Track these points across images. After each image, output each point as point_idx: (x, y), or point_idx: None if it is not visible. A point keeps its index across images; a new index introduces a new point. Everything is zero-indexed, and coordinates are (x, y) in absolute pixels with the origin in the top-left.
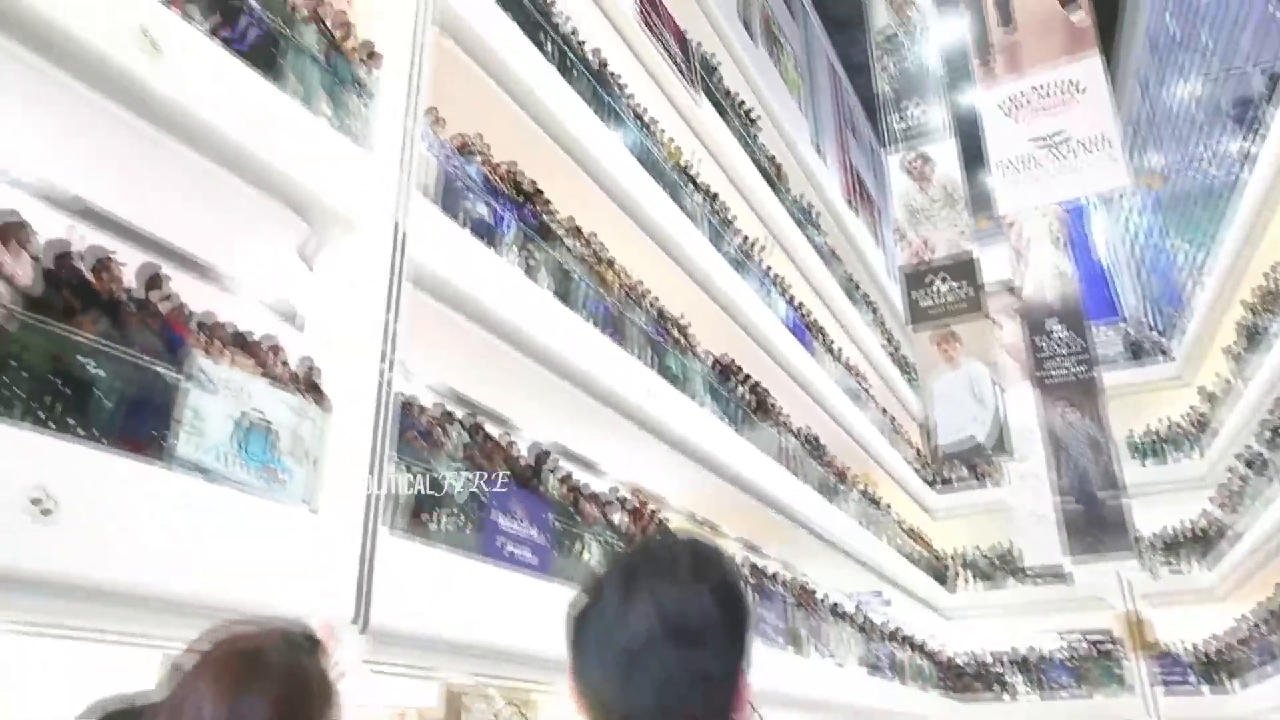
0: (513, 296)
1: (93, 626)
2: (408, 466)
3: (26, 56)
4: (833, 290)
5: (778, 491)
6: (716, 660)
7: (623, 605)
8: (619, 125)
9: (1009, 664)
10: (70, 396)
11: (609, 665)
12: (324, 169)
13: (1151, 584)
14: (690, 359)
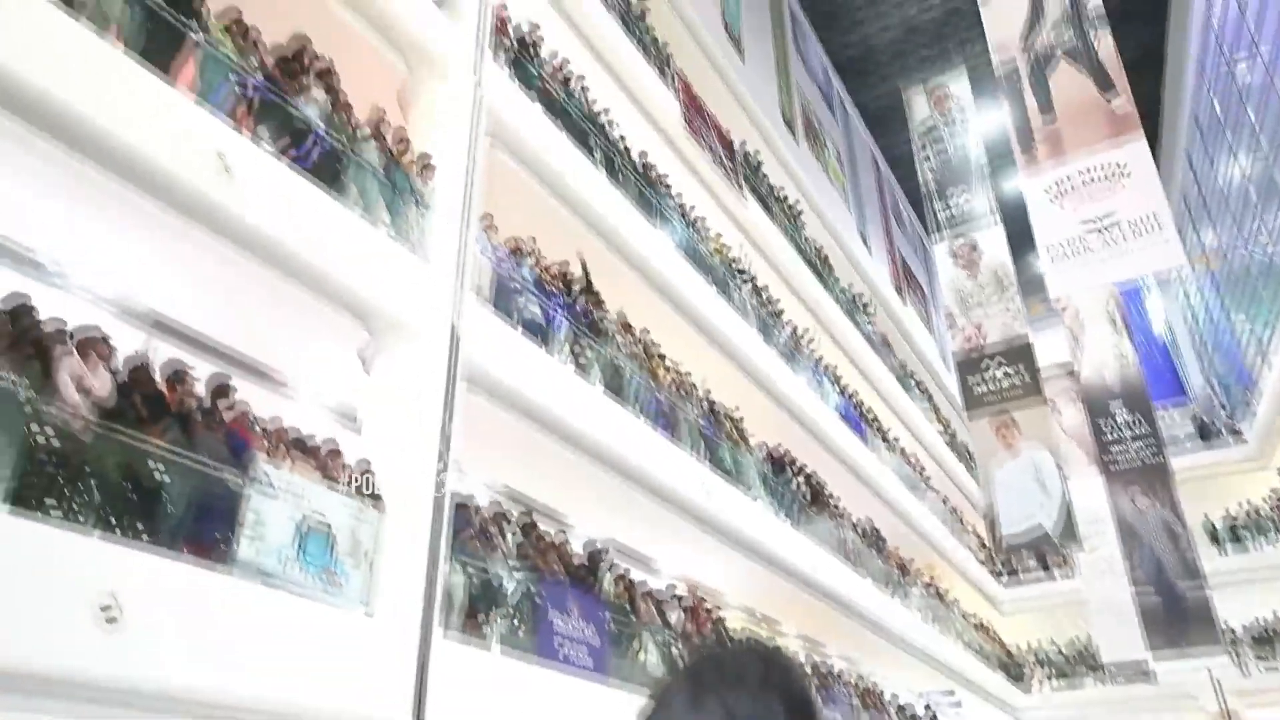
0: (566, 394)
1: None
2: (463, 567)
3: (110, 184)
4: (886, 378)
5: (838, 586)
6: None
7: (692, 715)
8: (666, 224)
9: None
10: (138, 503)
11: None
12: (382, 276)
13: (1243, 681)
14: (743, 452)
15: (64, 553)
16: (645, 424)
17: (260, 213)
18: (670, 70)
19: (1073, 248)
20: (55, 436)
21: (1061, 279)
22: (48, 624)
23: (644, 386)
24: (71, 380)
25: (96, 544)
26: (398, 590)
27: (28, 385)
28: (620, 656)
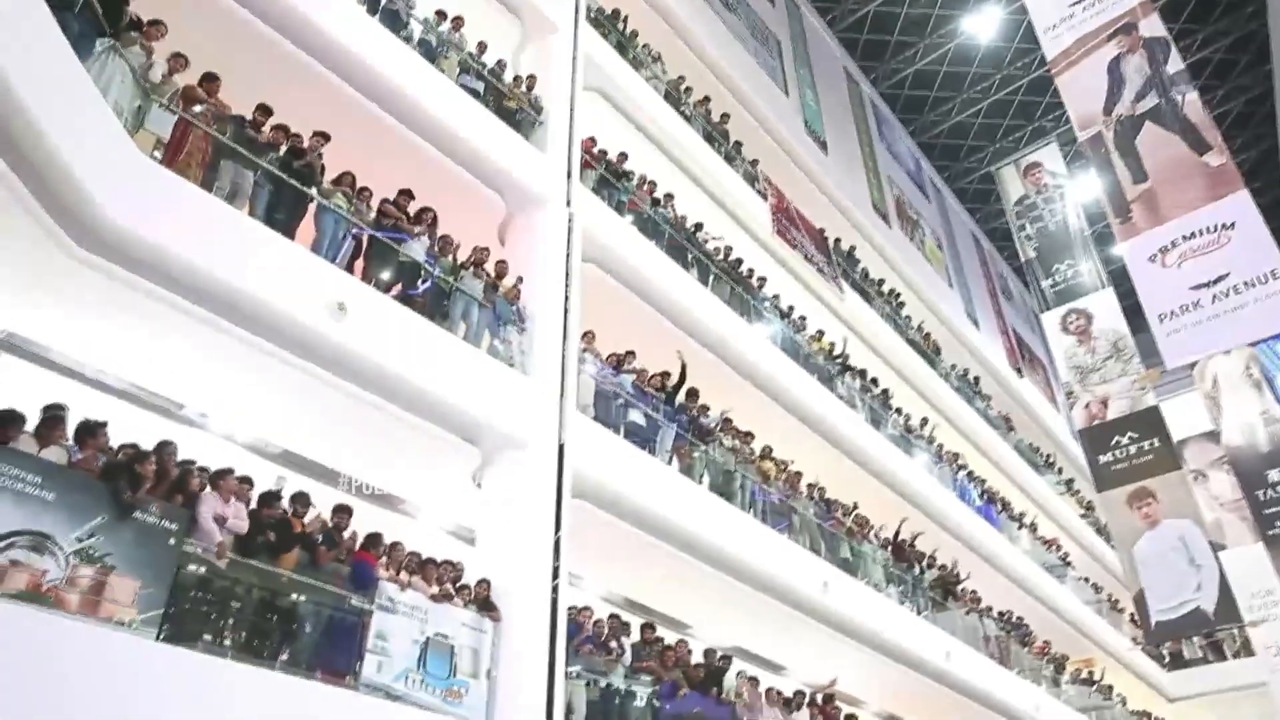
0: (673, 497)
1: None
2: (581, 676)
3: (242, 335)
4: (1011, 460)
5: (979, 681)
6: None
7: None
8: (766, 324)
9: None
10: (274, 628)
11: None
12: (489, 397)
13: None
14: (863, 544)
15: (211, 678)
16: (756, 522)
17: (375, 348)
18: (757, 174)
19: (1186, 313)
20: (199, 569)
21: (1178, 348)
22: None
23: (753, 485)
24: (213, 516)
25: (241, 670)
26: (518, 702)
27: (175, 524)
28: None
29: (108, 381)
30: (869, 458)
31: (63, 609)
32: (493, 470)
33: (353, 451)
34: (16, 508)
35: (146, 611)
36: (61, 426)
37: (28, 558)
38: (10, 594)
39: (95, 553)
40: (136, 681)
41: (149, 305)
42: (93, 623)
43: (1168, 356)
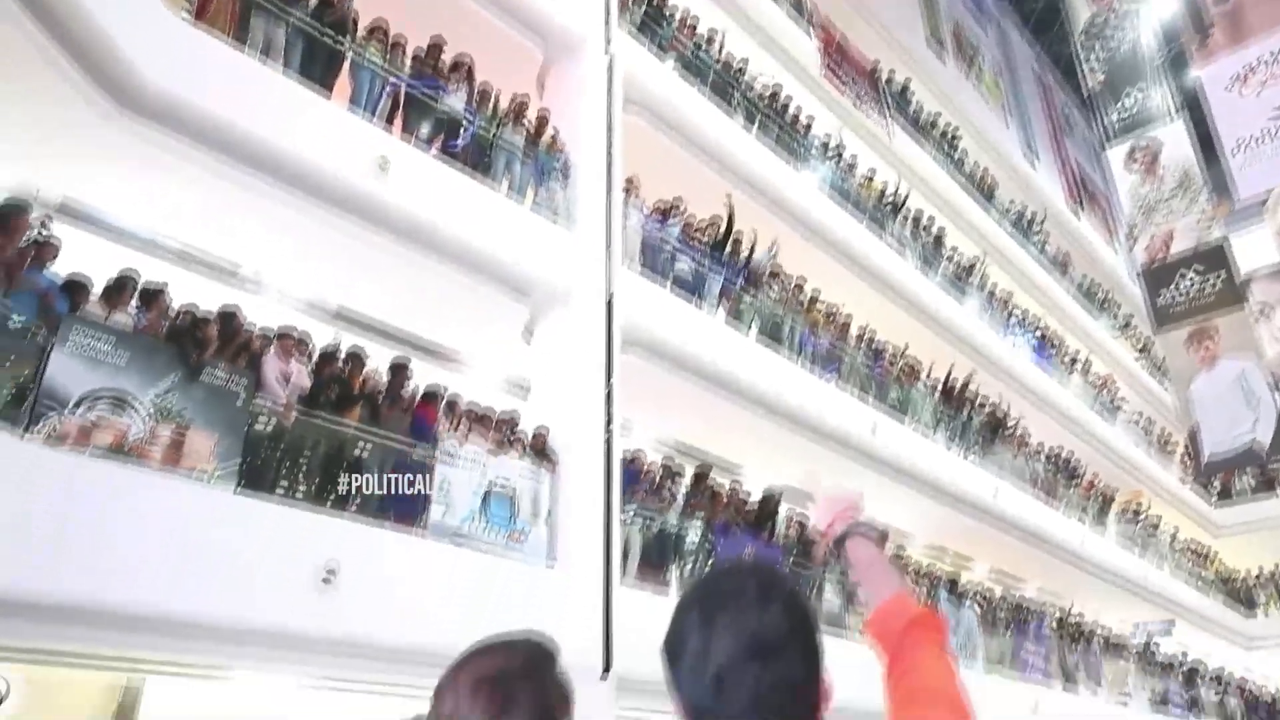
0: (722, 345)
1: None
2: (635, 519)
3: (290, 197)
4: (1066, 301)
5: (1027, 518)
6: (797, 668)
7: (706, 635)
8: (814, 168)
9: None
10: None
11: (702, 687)
12: (535, 251)
13: None
14: (913, 388)
15: (288, 526)
16: (805, 368)
17: (419, 204)
18: (803, 5)
19: (1263, 142)
20: (269, 425)
21: (1253, 178)
22: (277, 589)
23: (802, 332)
24: (276, 375)
25: (314, 517)
26: (577, 544)
27: (243, 384)
28: None
29: (163, 245)
30: (920, 302)
31: (147, 462)
32: (543, 324)
33: (407, 310)
34: (92, 371)
35: (224, 464)
36: (127, 292)
37: (110, 416)
38: (98, 450)
39: (171, 410)
40: (219, 529)
41: (196, 169)
42: (175, 476)
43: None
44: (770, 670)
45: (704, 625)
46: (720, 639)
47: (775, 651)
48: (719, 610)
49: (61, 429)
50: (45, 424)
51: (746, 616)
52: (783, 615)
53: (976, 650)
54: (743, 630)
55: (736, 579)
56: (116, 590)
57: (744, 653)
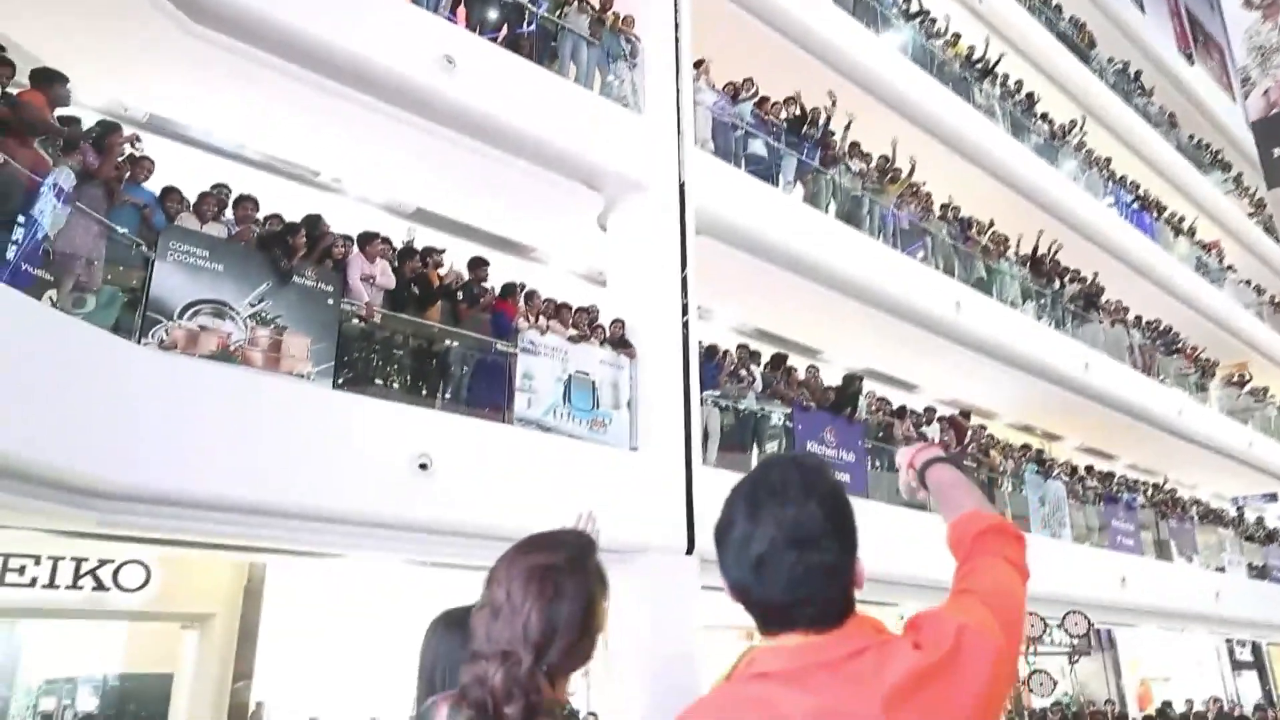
0: (799, 228)
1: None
2: (716, 404)
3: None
4: (1172, 160)
5: (1119, 391)
6: (830, 555)
7: (750, 525)
8: (892, 30)
9: None
10: (433, 374)
11: (745, 569)
12: (606, 140)
13: None
14: (1000, 263)
15: (384, 419)
16: (885, 246)
17: (487, 98)
18: None
19: None
20: (358, 325)
21: None
22: (378, 477)
23: (882, 209)
24: (360, 276)
25: (408, 410)
26: (658, 429)
27: (331, 287)
28: (880, 476)
29: (248, 156)
30: (1008, 170)
31: (250, 365)
32: (616, 213)
33: (482, 206)
34: (192, 280)
35: (320, 365)
36: (217, 203)
37: (213, 323)
38: (205, 355)
39: (268, 315)
40: (320, 425)
41: (270, 76)
42: (277, 376)
43: None
44: (805, 557)
45: (749, 515)
46: (763, 527)
47: (812, 541)
48: (763, 502)
49: (170, 337)
50: (155, 332)
51: (787, 509)
52: (820, 509)
53: (1064, 522)
54: (783, 521)
55: (782, 473)
56: (234, 484)
57: (783, 541)
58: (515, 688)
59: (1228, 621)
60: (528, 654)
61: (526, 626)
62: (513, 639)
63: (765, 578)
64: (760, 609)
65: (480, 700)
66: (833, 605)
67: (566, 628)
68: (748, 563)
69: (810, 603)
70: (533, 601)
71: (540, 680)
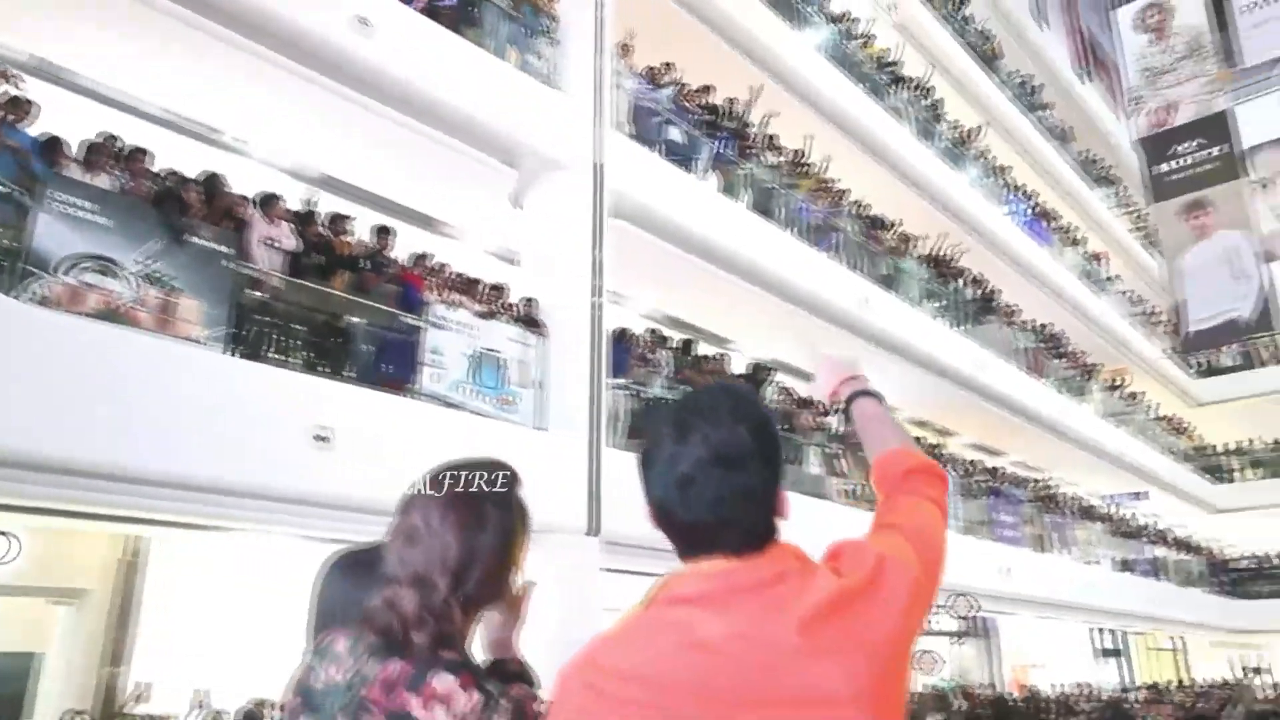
0: (713, 217)
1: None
2: (625, 387)
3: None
4: (1065, 172)
5: (1010, 391)
6: (755, 478)
7: (678, 445)
8: (810, 28)
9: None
10: (336, 345)
11: (670, 487)
12: (523, 116)
13: None
14: (903, 261)
15: (281, 388)
16: (797, 240)
17: (403, 65)
18: None
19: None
20: (255, 289)
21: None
22: (272, 449)
23: (796, 203)
24: (260, 238)
25: (307, 380)
26: (566, 409)
27: (228, 247)
28: None
29: (144, 109)
30: (915, 172)
31: (137, 326)
32: (532, 192)
33: (394, 177)
34: (75, 232)
35: (214, 329)
36: (107, 154)
37: (98, 280)
38: (88, 313)
39: (159, 275)
40: (212, 392)
41: (177, 28)
42: (167, 339)
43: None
44: (731, 478)
45: (677, 436)
46: (690, 447)
47: (737, 463)
48: (692, 424)
49: (50, 292)
50: (34, 286)
51: (716, 431)
52: (748, 433)
53: (955, 515)
54: (710, 442)
55: (712, 399)
56: (116, 450)
57: (709, 460)
58: (426, 615)
59: (1097, 611)
60: (444, 580)
61: (445, 553)
62: (429, 564)
63: (690, 497)
64: (683, 530)
65: (387, 625)
66: (756, 529)
67: (486, 556)
68: (673, 480)
69: (734, 525)
70: (453, 528)
71: (454, 609)
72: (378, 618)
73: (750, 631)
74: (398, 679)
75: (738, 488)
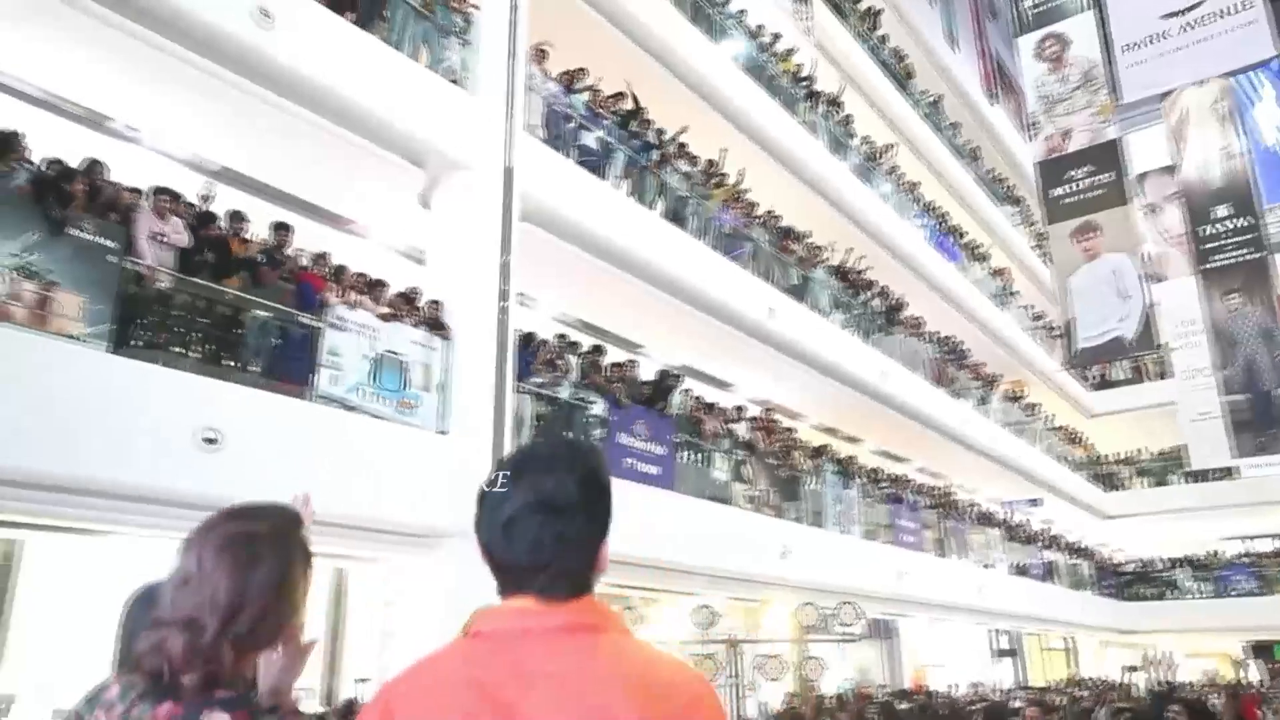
0: (625, 223)
1: None
2: (530, 392)
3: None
4: (971, 190)
5: (913, 400)
6: (573, 527)
7: (510, 488)
8: (728, 40)
9: (1181, 565)
10: (227, 343)
11: (495, 529)
12: (432, 116)
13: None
14: (812, 272)
15: (166, 388)
16: (707, 248)
17: (308, 60)
18: None
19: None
20: (142, 286)
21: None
22: (157, 450)
23: (704, 211)
24: (149, 233)
25: (195, 380)
26: (470, 413)
27: (113, 241)
28: (687, 469)
29: (26, 91)
30: (826, 185)
31: (9, 321)
32: (439, 192)
33: (297, 173)
34: None
35: (95, 326)
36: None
37: None
38: None
39: (35, 268)
40: (92, 391)
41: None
42: (43, 335)
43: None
44: (551, 524)
45: (510, 481)
46: (520, 493)
47: (561, 511)
48: (525, 471)
49: None
50: None
51: (544, 479)
52: (577, 484)
53: (855, 519)
54: (538, 489)
55: (551, 449)
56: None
57: (533, 507)
58: (195, 656)
59: (990, 613)
60: (213, 621)
61: (214, 594)
62: (199, 605)
63: (512, 538)
64: (501, 570)
65: (156, 669)
66: (567, 576)
67: (258, 597)
68: (498, 523)
69: (546, 570)
70: (225, 569)
71: (224, 650)
72: (146, 660)
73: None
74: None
75: (557, 534)
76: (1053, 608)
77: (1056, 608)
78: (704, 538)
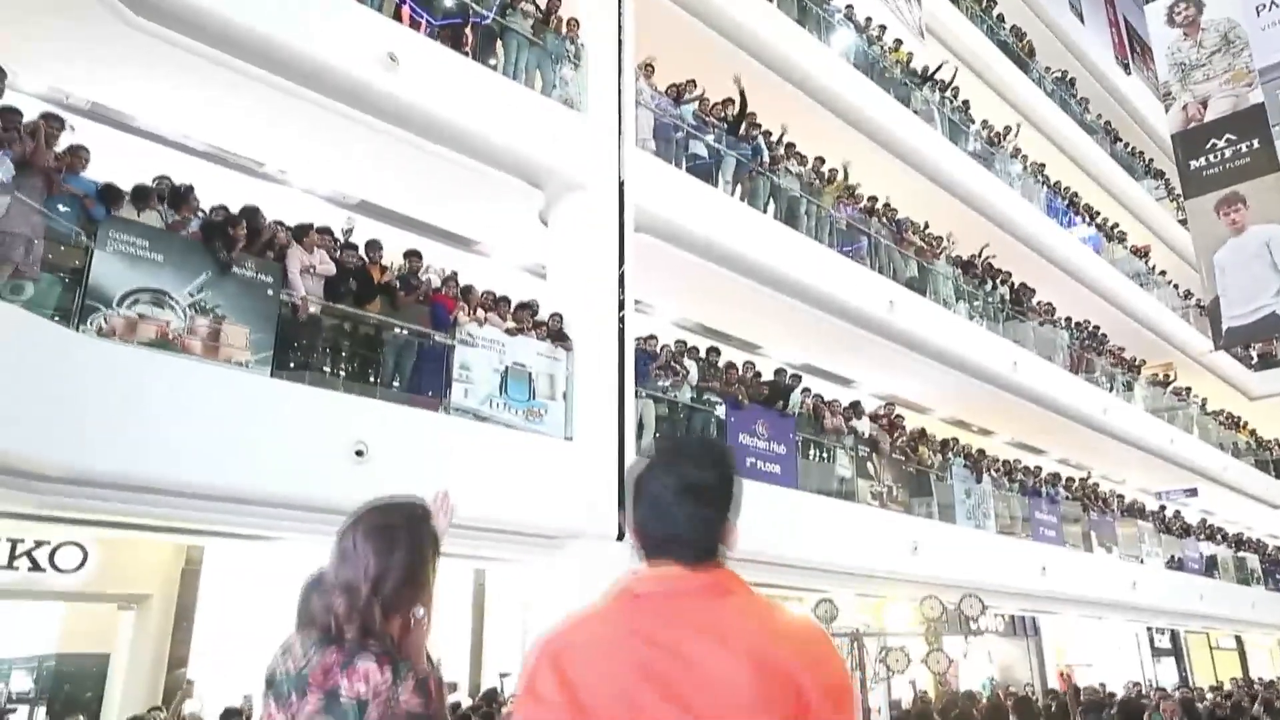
0: (737, 227)
1: None
2: (651, 396)
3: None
4: (1106, 166)
5: (1051, 390)
6: (713, 509)
7: (663, 476)
8: (834, 36)
9: None
10: (371, 365)
11: (648, 509)
12: (547, 139)
13: None
14: (933, 264)
15: (322, 408)
16: (822, 246)
17: (430, 96)
18: None
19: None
20: (295, 314)
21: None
22: (314, 463)
23: (817, 210)
24: (300, 267)
25: (345, 398)
26: (593, 419)
27: (270, 276)
28: (810, 467)
29: (190, 145)
30: (944, 174)
31: (189, 353)
32: (557, 209)
33: (426, 201)
34: (131, 269)
35: (259, 354)
36: (157, 195)
37: (151, 311)
38: (144, 342)
39: (207, 305)
40: (258, 412)
41: (215, 70)
42: (214, 364)
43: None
44: (696, 506)
45: (663, 470)
46: (669, 479)
47: (702, 495)
48: (675, 463)
49: (109, 324)
50: (94, 320)
51: (690, 469)
52: (715, 476)
53: (989, 514)
54: (685, 477)
55: (694, 446)
56: (172, 468)
57: (681, 491)
58: (353, 613)
59: (1144, 610)
60: (365, 586)
61: (366, 566)
62: (354, 575)
63: (663, 515)
64: (651, 541)
65: (325, 625)
66: (706, 549)
67: (398, 570)
68: (654, 505)
69: (690, 544)
70: (371, 548)
71: (374, 610)
72: (319, 618)
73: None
74: (332, 664)
75: (699, 514)
76: (1216, 604)
77: (1220, 604)
78: (829, 534)
